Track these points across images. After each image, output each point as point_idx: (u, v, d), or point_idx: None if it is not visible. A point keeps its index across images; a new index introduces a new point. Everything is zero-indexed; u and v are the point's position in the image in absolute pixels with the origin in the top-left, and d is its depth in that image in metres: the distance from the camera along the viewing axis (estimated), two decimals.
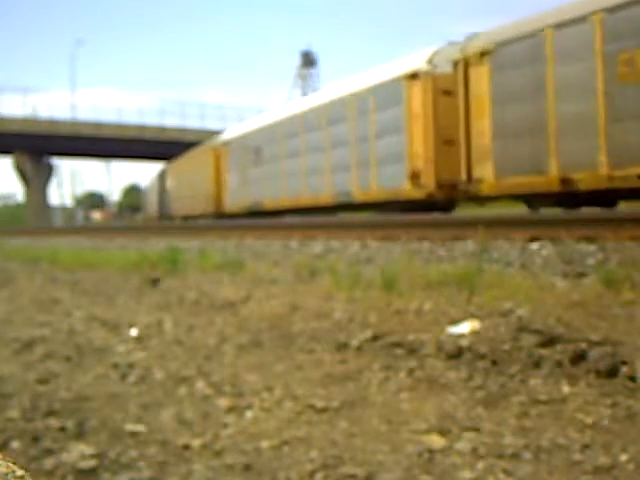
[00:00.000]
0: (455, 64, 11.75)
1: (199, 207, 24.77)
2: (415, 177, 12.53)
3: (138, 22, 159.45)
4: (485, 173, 11.04)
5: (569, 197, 10.00)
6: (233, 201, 21.95)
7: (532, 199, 10.76)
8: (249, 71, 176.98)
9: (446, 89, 11.93)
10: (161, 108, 68.63)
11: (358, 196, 14.74)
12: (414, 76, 12.54)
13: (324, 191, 16.05)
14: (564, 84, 9.71)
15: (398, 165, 13.11)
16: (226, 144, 22.89)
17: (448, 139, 11.91)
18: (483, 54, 11.09)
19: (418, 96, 12.42)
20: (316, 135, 16.47)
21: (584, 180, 9.43)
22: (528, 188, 10.41)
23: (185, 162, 28.04)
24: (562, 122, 9.76)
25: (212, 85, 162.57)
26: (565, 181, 9.64)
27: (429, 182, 12.23)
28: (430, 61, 12.38)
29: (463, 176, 11.45)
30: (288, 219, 16.42)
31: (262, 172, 19.51)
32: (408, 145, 12.78)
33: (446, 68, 12.00)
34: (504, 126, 10.75)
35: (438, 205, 12.55)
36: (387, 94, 13.50)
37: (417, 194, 12.57)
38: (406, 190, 12.84)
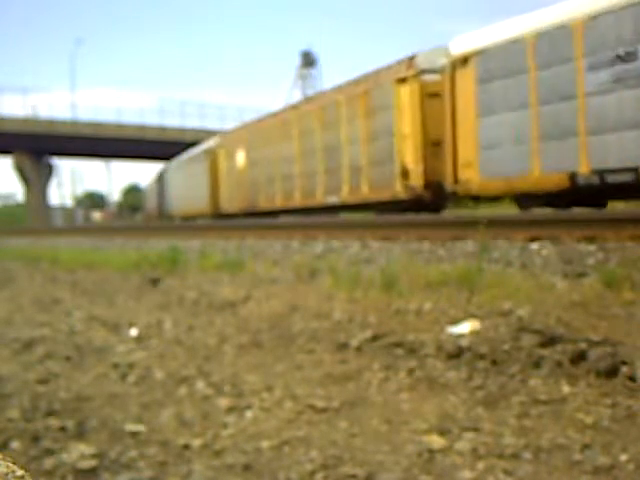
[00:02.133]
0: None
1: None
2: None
3: (138, 22, 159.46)
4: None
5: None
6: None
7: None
8: (249, 71, 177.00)
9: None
10: (161, 108, 68.60)
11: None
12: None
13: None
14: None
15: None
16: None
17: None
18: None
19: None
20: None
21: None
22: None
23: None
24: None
25: (212, 85, 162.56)
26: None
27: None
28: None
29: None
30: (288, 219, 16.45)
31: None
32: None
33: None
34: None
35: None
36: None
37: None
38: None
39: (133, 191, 72.29)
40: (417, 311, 3.72)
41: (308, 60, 65.22)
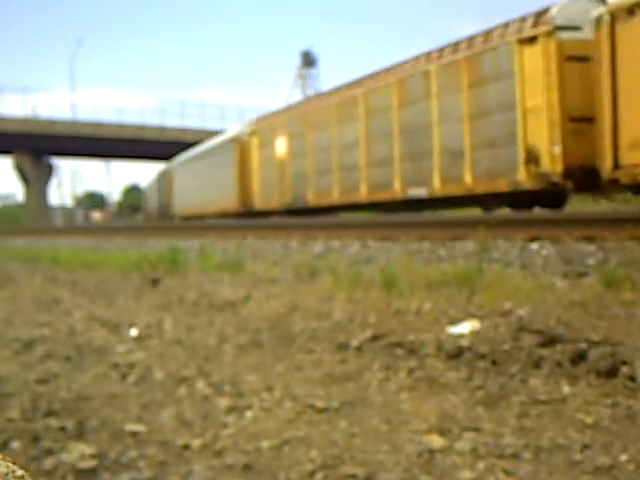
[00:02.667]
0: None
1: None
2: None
3: (138, 22, 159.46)
4: None
5: None
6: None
7: None
8: (249, 71, 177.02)
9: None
10: (161, 108, 68.55)
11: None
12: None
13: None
14: None
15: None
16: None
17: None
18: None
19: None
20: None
21: None
22: None
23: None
24: None
25: (212, 85, 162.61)
26: None
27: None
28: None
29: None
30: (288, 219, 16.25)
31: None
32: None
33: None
34: None
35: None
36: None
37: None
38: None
39: (133, 191, 72.29)
40: (417, 311, 3.72)
41: (308, 60, 65.17)
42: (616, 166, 9.08)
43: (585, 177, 9.77)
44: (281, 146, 18.11)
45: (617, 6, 9.09)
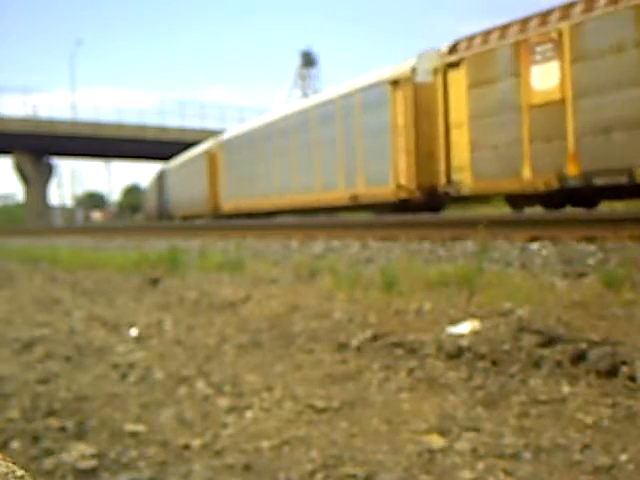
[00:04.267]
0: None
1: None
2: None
3: (138, 22, 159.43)
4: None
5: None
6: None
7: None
8: (249, 71, 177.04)
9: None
10: (161, 108, 68.73)
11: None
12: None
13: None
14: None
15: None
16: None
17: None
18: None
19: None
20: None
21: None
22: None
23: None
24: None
25: (212, 85, 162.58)
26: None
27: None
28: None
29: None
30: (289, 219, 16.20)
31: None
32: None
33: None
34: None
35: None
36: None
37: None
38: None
39: (133, 191, 72.31)
40: (417, 311, 3.72)
41: (308, 60, 65.22)
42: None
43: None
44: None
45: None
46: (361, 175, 14.04)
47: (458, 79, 11.26)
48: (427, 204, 12.49)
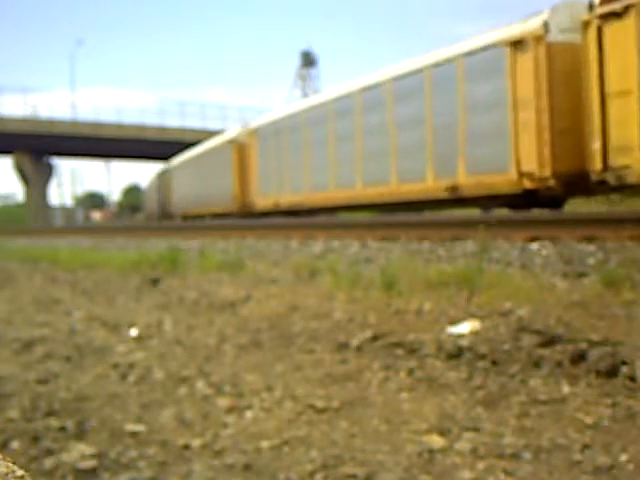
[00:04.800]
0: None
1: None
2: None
3: (138, 22, 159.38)
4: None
5: None
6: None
7: None
8: (249, 71, 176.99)
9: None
10: (161, 108, 68.59)
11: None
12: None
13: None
14: None
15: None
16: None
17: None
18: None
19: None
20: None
21: None
22: None
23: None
24: None
25: (213, 85, 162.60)
26: None
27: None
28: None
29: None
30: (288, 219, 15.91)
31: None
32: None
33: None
34: None
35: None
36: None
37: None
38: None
39: (133, 191, 72.30)
40: (417, 311, 3.72)
41: (308, 60, 65.22)
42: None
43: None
44: None
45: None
46: (462, 161, 11.34)
47: (622, 34, 8.68)
48: (565, 195, 10.26)
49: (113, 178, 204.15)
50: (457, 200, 11.82)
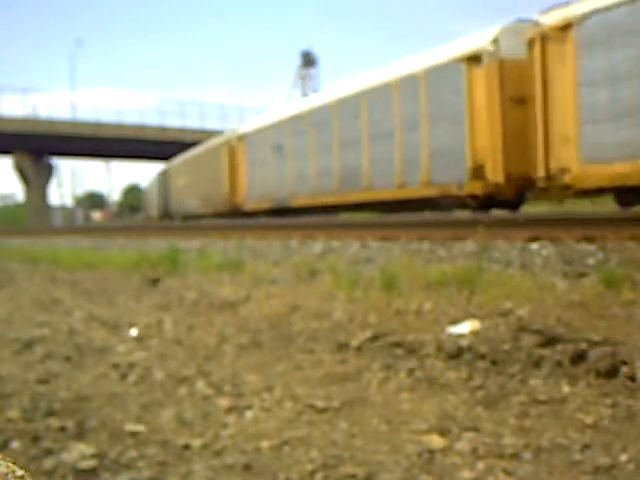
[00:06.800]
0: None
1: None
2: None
3: (138, 22, 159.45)
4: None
5: None
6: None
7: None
8: (249, 71, 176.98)
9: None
10: (161, 108, 68.80)
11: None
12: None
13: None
14: None
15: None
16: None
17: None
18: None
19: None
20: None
21: None
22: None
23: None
24: None
25: (213, 85, 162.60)
26: None
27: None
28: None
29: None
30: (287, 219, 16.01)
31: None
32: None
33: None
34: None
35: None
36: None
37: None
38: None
39: (133, 191, 72.30)
40: (417, 311, 3.72)
41: (308, 60, 65.16)
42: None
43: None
44: None
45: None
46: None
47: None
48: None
49: (113, 178, 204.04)
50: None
